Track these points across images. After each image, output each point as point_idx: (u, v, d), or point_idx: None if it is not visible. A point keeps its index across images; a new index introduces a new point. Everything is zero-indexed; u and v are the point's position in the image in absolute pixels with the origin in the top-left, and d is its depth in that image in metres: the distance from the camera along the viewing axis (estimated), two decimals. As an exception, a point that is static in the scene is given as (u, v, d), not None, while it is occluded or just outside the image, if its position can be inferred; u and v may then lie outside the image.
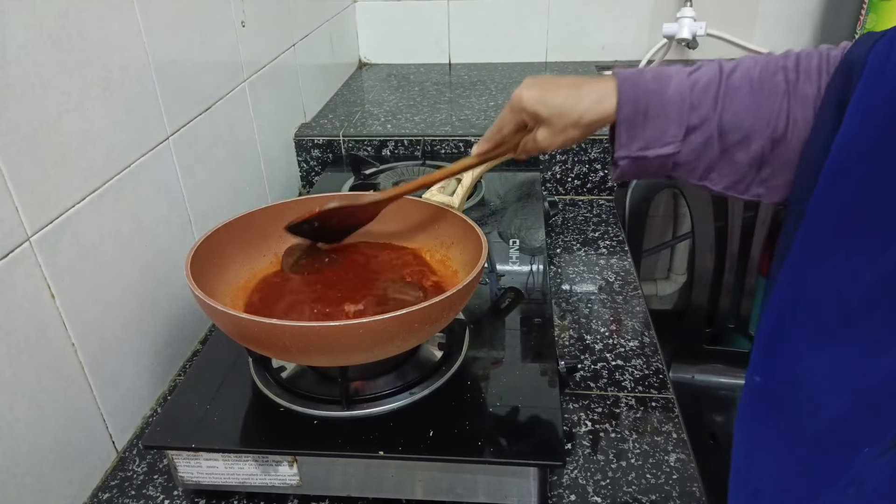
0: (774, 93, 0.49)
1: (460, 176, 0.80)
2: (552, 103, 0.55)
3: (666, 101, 0.51)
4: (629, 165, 0.54)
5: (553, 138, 0.57)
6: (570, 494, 0.59)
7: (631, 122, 0.52)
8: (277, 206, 0.73)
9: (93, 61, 0.61)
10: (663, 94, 0.51)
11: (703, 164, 0.52)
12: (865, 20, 1.31)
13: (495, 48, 1.57)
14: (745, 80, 0.50)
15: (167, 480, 0.62)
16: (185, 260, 0.59)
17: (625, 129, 0.52)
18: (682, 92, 0.51)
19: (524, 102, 0.57)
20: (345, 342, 0.53)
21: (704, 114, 0.50)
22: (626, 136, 0.52)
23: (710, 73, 0.51)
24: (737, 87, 0.50)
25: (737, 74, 0.50)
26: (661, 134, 0.51)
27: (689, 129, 0.51)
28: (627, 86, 0.52)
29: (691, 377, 1.27)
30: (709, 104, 0.50)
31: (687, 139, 0.51)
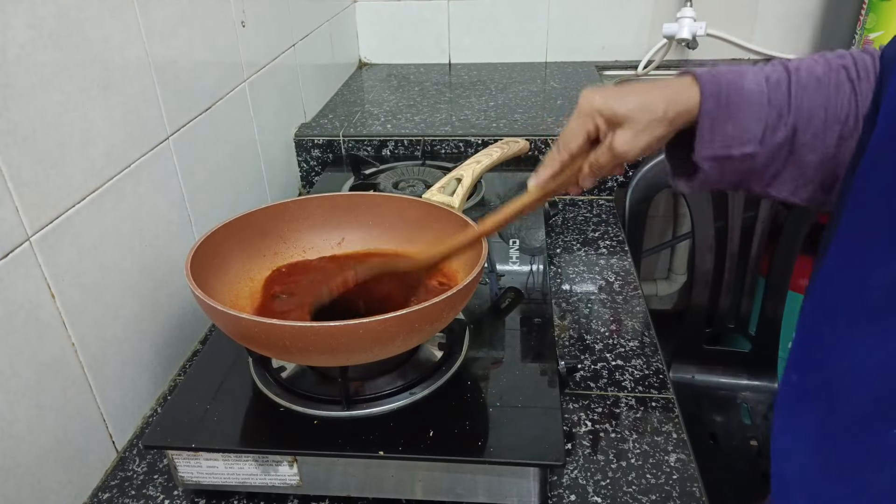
0: (842, 90, 0.47)
1: (460, 175, 0.80)
2: (629, 100, 0.50)
3: (745, 94, 0.48)
4: (713, 168, 0.50)
5: (636, 139, 0.50)
6: (570, 494, 0.59)
7: (713, 117, 0.48)
8: (277, 206, 0.73)
9: (93, 61, 0.61)
10: (742, 86, 0.48)
11: (774, 167, 0.49)
12: (865, 20, 1.31)
13: (495, 48, 1.57)
14: (812, 78, 0.48)
15: (167, 480, 0.62)
16: (186, 260, 0.59)
17: (708, 124, 0.48)
18: (760, 84, 0.48)
19: (597, 104, 0.51)
20: (345, 342, 0.53)
21: (780, 110, 0.48)
22: (709, 133, 0.48)
23: (777, 69, 0.49)
24: (804, 85, 0.48)
25: (803, 72, 0.48)
26: (742, 131, 0.48)
27: (768, 125, 0.48)
28: (707, 77, 0.49)
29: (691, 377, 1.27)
30: (783, 100, 0.48)
31: (765, 139, 0.48)
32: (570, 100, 1.32)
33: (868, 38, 1.31)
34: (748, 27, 1.49)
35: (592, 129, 0.52)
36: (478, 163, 0.82)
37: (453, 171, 0.81)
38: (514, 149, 0.96)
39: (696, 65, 0.53)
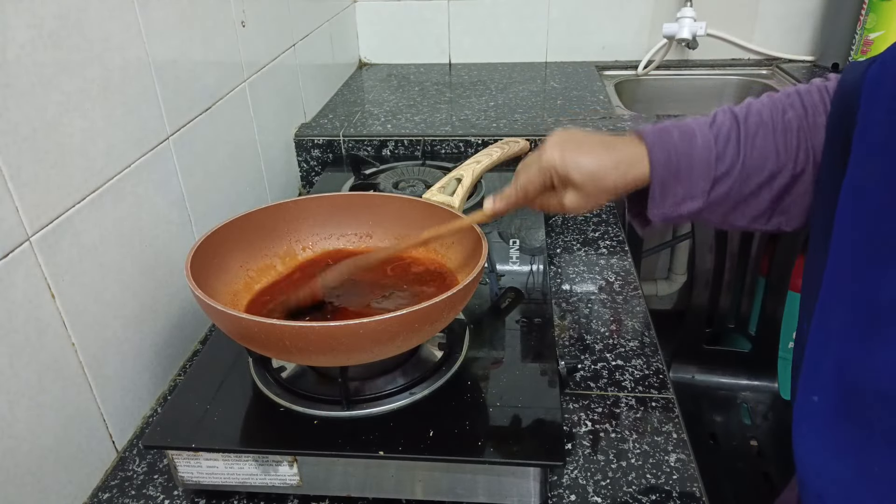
0: (789, 129, 0.51)
1: (460, 175, 0.80)
2: (586, 168, 0.54)
3: (695, 159, 0.52)
4: (660, 220, 0.55)
5: (584, 202, 0.55)
6: (570, 494, 0.59)
7: (663, 182, 0.53)
8: (277, 206, 0.73)
9: (93, 61, 0.61)
10: (692, 154, 0.52)
11: (726, 206, 0.53)
12: (865, 20, 1.31)
13: (495, 48, 1.57)
14: (759, 124, 0.52)
15: (167, 480, 0.62)
16: (186, 260, 0.59)
17: (658, 190, 0.53)
18: (709, 146, 0.52)
19: (556, 164, 0.55)
20: (345, 342, 0.53)
21: (730, 162, 0.51)
22: (660, 196, 0.53)
23: (727, 121, 0.53)
24: (753, 133, 0.51)
25: (751, 119, 0.52)
26: (691, 189, 0.52)
27: (716, 179, 0.52)
28: (658, 149, 0.53)
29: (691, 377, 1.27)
30: (732, 153, 0.52)
31: (713, 189, 0.52)
32: (570, 100, 1.32)
33: (868, 39, 1.31)
34: (748, 27, 1.49)
35: (548, 180, 0.57)
36: (478, 163, 0.82)
37: (453, 171, 0.81)
38: (514, 149, 0.96)
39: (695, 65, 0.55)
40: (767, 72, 1.51)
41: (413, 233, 0.74)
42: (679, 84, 1.53)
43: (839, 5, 1.40)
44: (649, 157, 0.53)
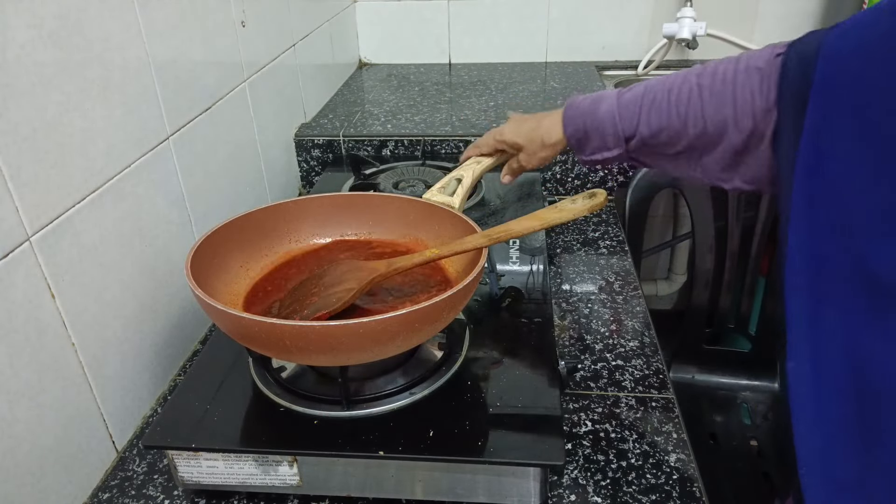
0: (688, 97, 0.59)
1: (461, 175, 0.80)
2: (523, 132, 0.75)
3: (599, 120, 0.66)
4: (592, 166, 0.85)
5: (530, 159, 0.76)
6: (570, 494, 0.59)
7: (577, 138, 0.69)
8: (277, 205, 0.73)
9: (93, 61, 0.61)
10: (596, 115, 0.66)
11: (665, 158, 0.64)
12: (865, 20, 1.31)
13: (495, 48, 1.57)
14: (663, 91, 0.62)
15: (167, 480, 0.62)
16: (186, 259, 0.59)
17: (575, 144, 0.70)
18: (612, 108, 0.65)
19: (505, 136, 0.78)
20: (345, 342, 0.53)
21: (632, 123, 0.63)
22: (577, 147, 0.70)
23: (635, 91, 0.64)
24: (656, 99, 0.62)
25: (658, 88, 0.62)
26: (602, 144, 0.67)
27: (627, 137, 0.64)
28: (569, 112, 0.69)
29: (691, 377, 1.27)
30: (632, 115, 0.63)
31: (629, 144, 0.65)
32: (570, 100, 1.32)
33: (868, 38, 1.31)
34: (748, 27, 1.49)
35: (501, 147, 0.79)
36: (478, 163, 0.82)
37: (454, 171, 0.81)
38: None
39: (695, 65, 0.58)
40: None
41: (413, 232, 0.74)
42: (679, 84, 1.52)
43: (839, 5, 1.40)
44: (562, 119, 0.70)
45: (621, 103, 0.64)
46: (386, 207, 0.75)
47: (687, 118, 0.59)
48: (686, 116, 0.59)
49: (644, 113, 0.62)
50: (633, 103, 0.63)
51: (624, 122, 0.64)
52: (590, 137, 0.67)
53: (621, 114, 0.64)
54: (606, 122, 0.65)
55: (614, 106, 0.65)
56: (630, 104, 0.64)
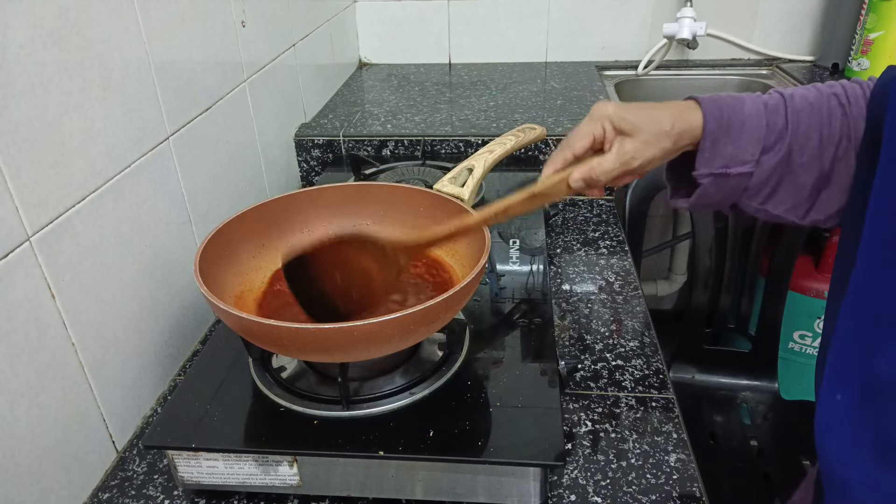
0: (834, 114, 0.51)
1: (472, 165, 0.79)
2: (639, 113, 0.53)
3: (745, 118, 0.51)
4: (710, 184, 0.52)
5: (643, 148, 0.53)
6: (570, 494, 0.59)
7: (714, 138, 0.52)
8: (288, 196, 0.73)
9: (93, 61, 0.61)
10: (741, 111, 0.51)
11: (769, 186, 0.52)
12: (865, 20, 1.31)
13: (495, 48, 1.57)
14: (805, 103, 0.51)
15: (167, 480, 0.62)
16: (196, 254, 0.60)
17: (709, 145, 0.52)
18: (759, 110, 0.52)
19: (609, 111, 0.53)
20: (342, 342, 0.53)
21: (778, 133, 0.51)
22: (710, 152, 0.52)
23: (774, 96, 0.53)
24: (800, 109, 0.51)
25: (797, 98, 0.52)
26: (741, 151, 0.51)
27: (765, 148, 0.51)
28: (709, 101, 0.52)
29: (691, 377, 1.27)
30: (781, 123, 0.51)
31: (761, 159, 0.51)
32: (570, 100, 1.32)
33: (868, 39, 1.31)
34: (748, 27, 1.49)
35: (600, 133, 0.54)
36: (490, 152, 0.80)
37: (465, 160, 0.79)
38: (531, 136, 0.90)
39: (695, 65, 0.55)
40: (767, 72, 1.51)
41: (423, 223, 0.73)
42: (679, 84, 1.53)
43: (839, 5, 1.40)
44: (702, 109, 0.52)
45: (767, 105, 0.52)
46: (396, 198, 0.75)
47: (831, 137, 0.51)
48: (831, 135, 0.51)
49: (790, 122, 0.51)
50: (779, 108, 0.52)
51: (770, 128, 0.51)
52: (730, 139, 0.51)
53: (769, 118, 0.51)
54: (752, 124, 0.51)
55: (760, 106, 0.52)
56: (776, 109, 0.52)
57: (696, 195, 0.54)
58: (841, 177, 0.51)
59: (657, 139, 0.52)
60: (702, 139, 0.52)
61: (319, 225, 0.76)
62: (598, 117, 0.54)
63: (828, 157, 0.51)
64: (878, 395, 0.45)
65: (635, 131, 0.53)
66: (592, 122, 0.54)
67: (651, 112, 0.53)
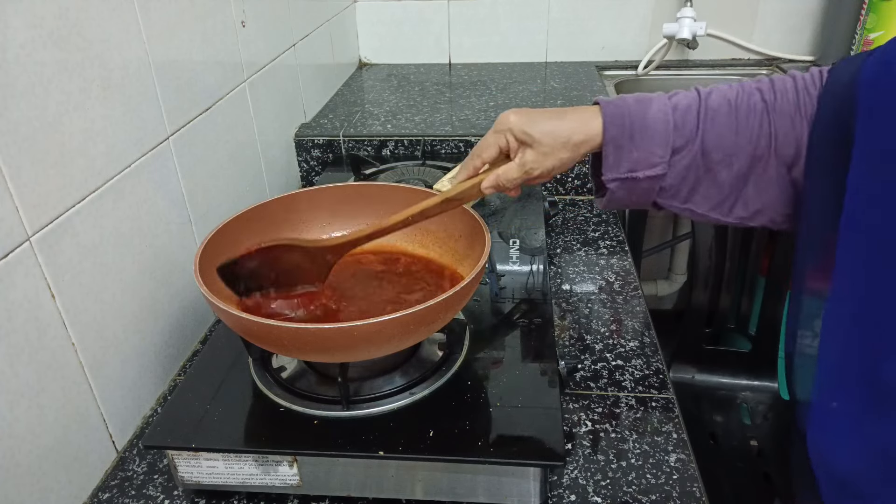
0: (753, 111, 0.51)
1: None
2: (541, 124, 0.55)
3: (649, 122, 0.52)
4: (618, 188, 0.54)
5: (543, 160, 0.55)
6: (570, 494, 0.59)
7: (617, 143, 0.53)
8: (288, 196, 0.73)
9: (93, 61, 0.61)
10: (646, 115, 0.52)
11: (687, 186, 0.53)
12: (865, 20, 1.31)
13: (495, 48, 1.57)
14: (724, 101, 0.52)
15: (167, 480, 0.62)
16: (196, 252, 0.60)
17: (612, 150, 0.53)
18: (665, 113, 0.52)
19: (511, 122, 0.56)
20: (341, 343, 0.53)
21: (688, 134, 0.52)
22: (614, 157, 0.53)
23: (688, 97, 0.53)
24: (716, 108, 0.52)
25: (713, 97, 0.52)
26: (648, 155, 0.52)
27: (675, 150, 0.52)
28: (610, 108, 0.54)
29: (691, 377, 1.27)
30: (691, 124, 0.52)
31: (672, 160, 0.52)
32: (570, 100, 1.32)
33: (868, 39, 1.31)
34: (748, 27, 1.49)
35: (504, 144, 0.57)
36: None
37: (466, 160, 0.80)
38: None
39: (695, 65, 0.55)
40: (767, 72, 1.51)
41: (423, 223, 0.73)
42: (679, 84, 1.52)
43: (839, 5, 1.40)
44: (602, 117, 0.53)
45: (676, 108, 0.53)
46: (396, 198, 0.75)
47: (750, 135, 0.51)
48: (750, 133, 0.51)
49: (703, 121, 0.51)
50: (691, 109, 0.52)
51: (679, 129, 0.52)
52: (634, 144, 0.52)
53: (677, 120, 0.52)
54: (658, 128, 0.52)
55: (667, 109, 0.52)
56: (688, 110, 0.52)
57: (607, 199, 0.56)
58: (762, 174, 0.51)
59: (554, 150, 0.55)
60: (603, 146, 0.53)
61: (319, 225, 0.76)
62: (501, 129, 0.56)
63: (745, 155, 0.51)
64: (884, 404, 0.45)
65: (534, 143, 0.55)
66: (497, 134, 0.57)
67: (551, 122, 0.55)
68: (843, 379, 0.47)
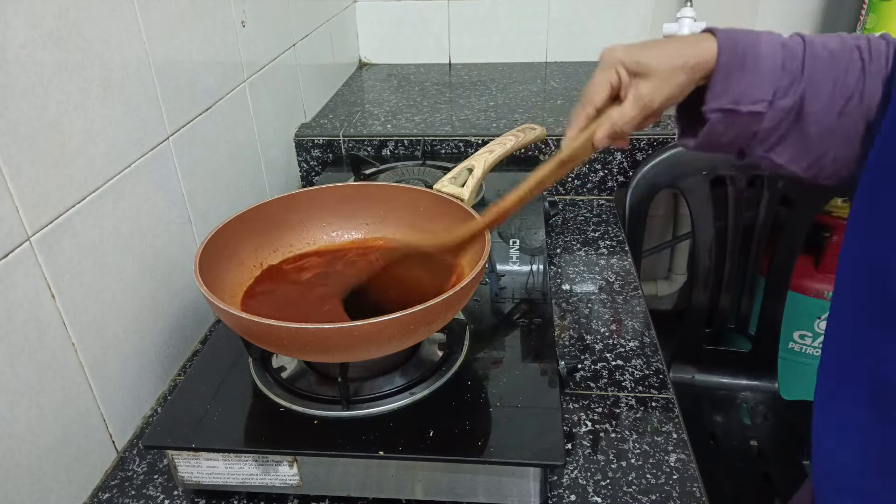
0: (852, 67, 0.49)
1: (472, 165, 0.79)
2: (652, 50, 0.51)
3: (760, 54, 0.49)
4: (720, 121, 0.51)
5: (660, 87, 0.51)
6: (570, 494, 0.59)
7: (727, 71, 0.50)
8: (289, 196, 0.73)
9: (93, 61, 0.61)
10: (758, 47, 0.49)
11: (777, 133, 0.51)
12: (865, 20, 1.31)
13: (495, 48, 1.57)
14: (826, 51, 0.49)
15: (167, 480, 0.62)
16: (196, 252, 0.60)
17: (721, 78, 0.50)
18: (775, 48, 0.49)
19: (620, 55, 0.51)
20: (341, 343, 0.53)
21: (792, 76, 0.49)
22: (721, 85, 0.50)
23: (794, 38, 0.50)
24: (818, 55, 0.49)
25: (817, 45, 0.50)
26: (753, 89, 0.49)
27: (778, 90, 0.49)
28: (724, 33, 0.50)
29: (691, 377, 1.27)
30: (797, 66, 0.49)
31: (774, 102, 0.49)
32: (570, 100, 1.32)
33: (868, 38, 1.31)
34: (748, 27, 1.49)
35: (615, 80, 0.52)
36: (490, 152, 0.80)
37: (465, 160, 0.80)
38: (531, 136, 0.89)
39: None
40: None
41: (424, 223, 0.73)
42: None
43: (839, 5, 1.40)
44: (717, 41, 0.50)
45: (785, 45, 0.50)
46: (396, 198, 0.75)
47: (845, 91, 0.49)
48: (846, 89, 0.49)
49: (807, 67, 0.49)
50: (797, 51, 0.49)
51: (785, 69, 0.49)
52: (743, 75, 0.49)
53: (785, 59, 0.49)
54: (767, 62, 0.49)
55: (777, 45, 0.50)
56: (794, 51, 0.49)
57: (704, 133, 0.52)
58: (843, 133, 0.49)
59: (672, 75, 0.50)
60: (714, 71, 0.50)
61: (319, 225, 0.76)
62: (611, 64, 0.52)
63: (835, 109, 0.49)
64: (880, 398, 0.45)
65: (650, 72, 0.51)
66: (606, 70, 0.52)
67: (663, 48, 0.51)
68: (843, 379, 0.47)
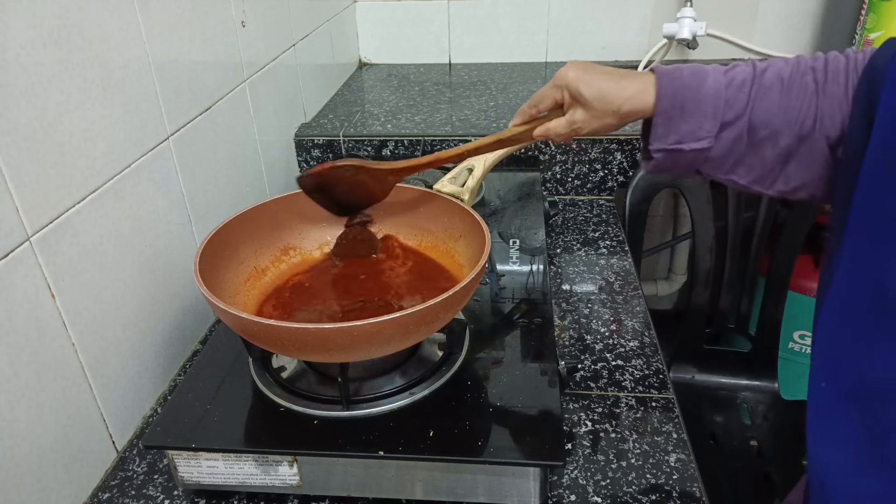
0: (804, 92, 0.51)
1: (472, 165, 0.79)
2: (596, 86, 0.57)
3: (702, 98, 0.53)
4: (663, 158, 0.55)
5: (590, 122, 0.58)
6: (570, 494, 0.59)
7: (668, 116, 0.54)
8: (288, 196, 0.73)
9: (93, 61, 0.61)
10: (700, 90, 0.53)
11: (731, 158, 0.54)
12: (865, 20, 1.31)
13: (495, 48, 1.57)
14: (777, 80, 0.52)
15: (167, 480, 0.62)
16: (196, 252, 0.60)
17: (662, 122, 0.54)
18: (718, 89, 0.53)
19: (569, 79, 0.58)
20: (342, 343, 0.53)
21: (738, 111, 0.52)
22: (663, 128, 0.54)
23: (744, 72, 0.53)
24: (768, 86, 0.52)
25: (768, 74, 0.53)
26: (696, 129, 0.53)
27: (723, 124, 0.53)
28: (666, 80, 0.54)
29: (691, 377, 1.27)
30: (742, 101, 0.52)
31: (720, 135, 0.53)
32: (570, 100, 1.32)
33: (868, 39, 1.31)
34: (748, 27, 1.49)
35: (560, 97, 0.60)
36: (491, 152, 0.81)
37: (465, 161, 0.80)
38: None
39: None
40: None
41: (424, 222, 0.75)
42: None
43: (839, 5, 1.40)
44: (656, 87, 0.54)
45: (731, 83, 0.53)
46: (395, 198, 0.75)
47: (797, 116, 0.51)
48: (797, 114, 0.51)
49: (754, 98, 0.52)
50: (744, 85, 0.52)
51: (730, 104, 0.52)
52: (683, 118, 0.53)
53: (729, 96, 0.52)
54: (709, 103, 0.53)
55: (721, 84, 0.53)
56: (741, 86, 0.53)
57: (652, 165, 0.57)
58: (806, 153, 0.52)
59: (603, 115, 0.57)
60: (654, 117, 0.54)
61: (319, 225, 0.76)
62: (561, 83, 0.59)
63: (790, 134, 0.51)
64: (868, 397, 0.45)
65: (586, 105, 0.57)
66: (554, 88, 0.60)
67: (607, 86, 0.56)
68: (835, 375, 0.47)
